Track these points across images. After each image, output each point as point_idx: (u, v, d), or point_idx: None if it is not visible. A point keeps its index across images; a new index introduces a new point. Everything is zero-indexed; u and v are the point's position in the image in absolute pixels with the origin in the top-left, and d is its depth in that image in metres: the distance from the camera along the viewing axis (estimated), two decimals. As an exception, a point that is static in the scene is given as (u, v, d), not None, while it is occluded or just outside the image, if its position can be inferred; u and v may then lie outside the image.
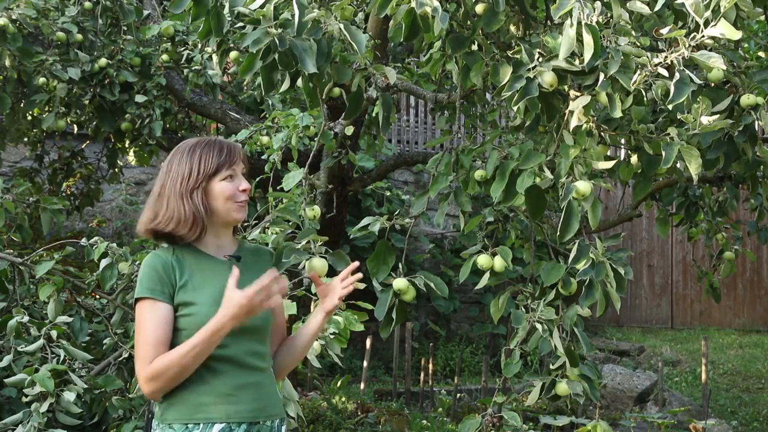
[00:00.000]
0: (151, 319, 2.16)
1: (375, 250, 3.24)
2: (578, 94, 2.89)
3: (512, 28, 3.37)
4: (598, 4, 2.73)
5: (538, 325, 3.22)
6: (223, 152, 2.26)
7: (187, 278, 2.20)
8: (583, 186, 2.91)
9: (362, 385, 7.46)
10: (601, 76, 2.77)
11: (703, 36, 2.71)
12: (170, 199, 2.23)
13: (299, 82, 3.21)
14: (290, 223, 3.20)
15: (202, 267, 2.24)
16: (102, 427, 3.57)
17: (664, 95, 2.77)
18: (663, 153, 2.93)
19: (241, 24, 3.30)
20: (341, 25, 2.98)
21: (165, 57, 5.40)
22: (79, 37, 5.15)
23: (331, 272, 3.15)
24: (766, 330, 11.07)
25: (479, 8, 3.13)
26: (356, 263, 2.40)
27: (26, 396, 3.31)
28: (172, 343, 2.16)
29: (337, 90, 3.83)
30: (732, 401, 8.14)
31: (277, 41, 2.90)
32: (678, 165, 3.02)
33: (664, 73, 2.76)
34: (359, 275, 2.35)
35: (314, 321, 2.38)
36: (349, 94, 3.51)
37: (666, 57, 2.76)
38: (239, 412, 2.18)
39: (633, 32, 2.89)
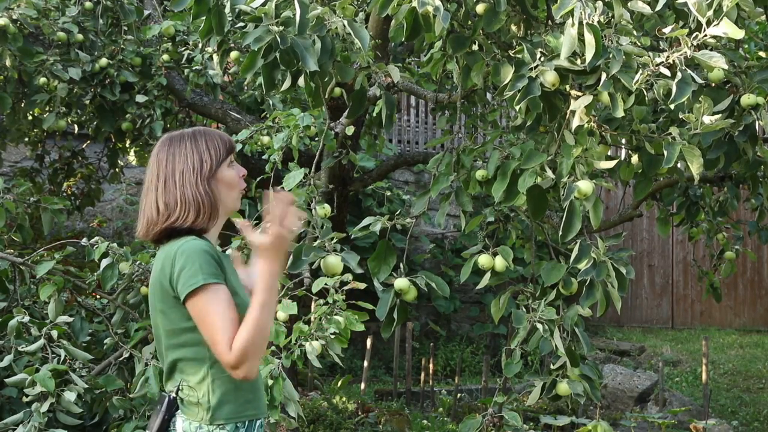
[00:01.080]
0: (224, 302, 2.03)
1: (376, 250, 3.23)
2: (580, 93, 2.88)
3: (513, 27, 3.37)
4: (599, 3, 2.72)
5: (539, 325, 3.22)
6: (224, 139, 2.22)
7: (225, 266, 2.13)
8: (585, 186, 2.90)
9: (363, 385, 7.46)
10: (603, 76, 2.77)
11: (706, 35, 2.70)
12: (184, 192, 2.13)
13: (300, 81, 3.21)
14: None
15: (222, 255, 2.19)
16: (102, 427, 3.56)
17: (666, 95, 2.76)
18: (664, 153, 2.93)
19: (242, 23, 3.30)
20: (344, 22, 2.97)
21: (166, 57, 5.40)
22: (80, 37, 5.15)
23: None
24: (766, 330, 11.07)
25: (480, 8, 3.13)
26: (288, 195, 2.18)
27: (27, 396, 3.31)
28: None
29: (338, 90, 3.83)
30: (732, 401, 8.13)
31: (278, 39, 2.90)
32: (679, 165, 3.02)
33: (666, 72, 2.76)
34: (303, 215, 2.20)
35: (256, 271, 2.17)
36: (351, 93, 3.51)
37: (668, 56, 2.76)
38: (264, 404, 2.21)
39: (634, 32, 2.89)
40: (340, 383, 7.26)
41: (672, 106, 2.74)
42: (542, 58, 2.88)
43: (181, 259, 2.06)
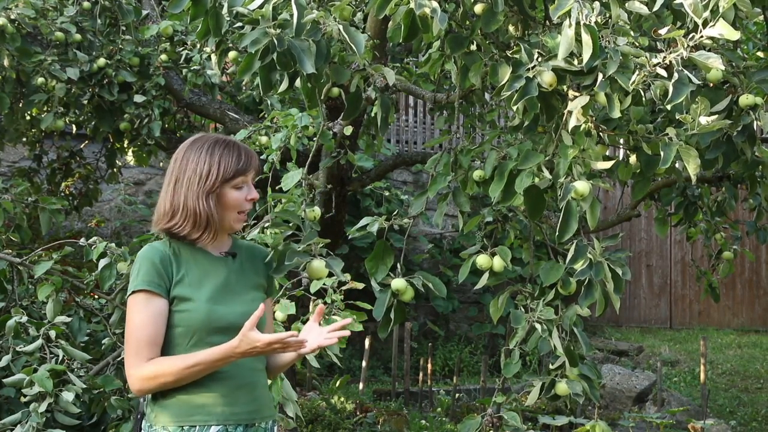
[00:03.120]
0: (147, 313, 2.12)
1: (374, 250, 3.23)
2: (577, 94, 2.89)
3: (511, 28, 3.37)
4: (596, 4, 2.73)
5: (538, 325, 3.22)
6: (242, 159, 2.22)
7: (184, 273, 2.17)
8: (582, 186, 2.91)
9: (361, 385, 7.46)
10: (600, 76, 2.77)
11: (702, 36, 2.71)
12: (187, 198, 2.19)
13: (298, 82, 3.21)
14: (291, 224, 3.20)
15: (198, 263, 2.21)
16: (101, 427, 3.56)
17: (663, 95, 2.77)
18: (662, 153, 2.93)
19: (239, 24, 3.30)
20: (340, 26, 2.98)
21: (164, 57, 5.40)
22: (78, 37, 5.15)
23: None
24: (764, 330, 11.08)
25: (478, 8, 3.13)
26: (348, 320, 2.29)
27: (25, 396, 3.30)
28: (166, 340, 2.13)
29: (335, 90, 3.83)
30: (731, 401, 8.14)
31: (275, 41, 2.90)
32: (677, 165, 3.02)
33: (663, 73, 2.76)
34: (347, 333, 2.24)
35: (287, 356, 2.30)
36: (348, 94, 3.51)
37: (665, 57, 2.77)
38: (236, 413, 2.15)
39: (632, 32, 2.89)
40: (338, 383, 7.26)
41: (669, 107, 2.74)
42: (539, 59, 2.89)
43: (134, 263, 2.19)
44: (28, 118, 5.73)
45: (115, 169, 6.55)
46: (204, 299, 2.16)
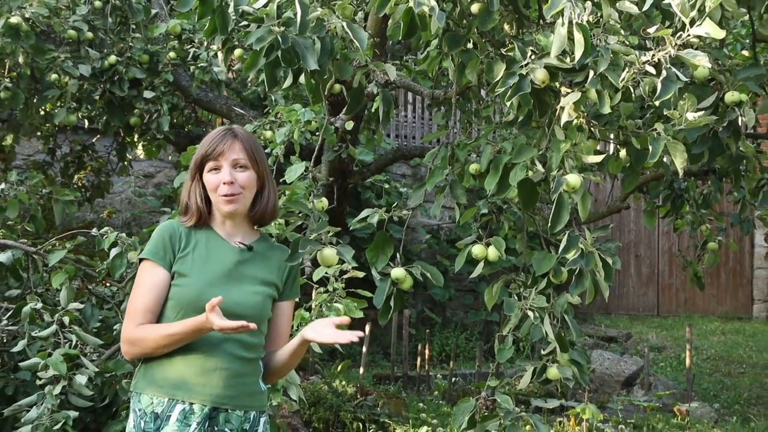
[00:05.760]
0: (147, 281, 2.17)
1: (374, 241, 3.23)
2: (569, 90, 2.88)
3: (506, 26, 3.36)
4: (588, 3, 2.72)
5: (530, 313, 3.22)
6: (210, 146, 2.23)
7: (190, 250, 2.19)
8: (574, 179, 2.90)
9: (361, 370, 7.47)
10: (591, 74, 2.77)
11: (689, 35, 2.70)
12: (185, 185, 2.28)
13: (301, 78, 3.20)
14: (299, 214, 3.20)
15: (209, 246, 2.22)
16: (112, 409, 3.57)
17: (652, 92, 2.76)
18: (650, 147, 2.92)
19: (245, 22, 3.29)
20: (344, 23, 2.97)
21: (172, 54, 5.39)
22: (90, 35, 5.14)
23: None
24: (747, 317, 11.09)
25: (475, 8, 3.12)
26: (347, 318, 2.27)
27: (40, 379, 3.31)
28: (162, 311, 2.18)
29: (337, 86, 3.82)
30: (714, 385, 8.16)
31: (280, 39, 2.89)
32: (664, 159, 3.01)
33: (652, 70, 2.75)
34: (360, 334, 2.23)
35: (292, 343, 2.29)
36: (350, 90, 3.50)
37: (653, 55, 2.76)
38: (203, 394, 2.13)
39: (622, 31, 2.88)
40: (339, 368, 7.27)
41: (657, 103, 2.73)
42: (533, 56, 2.88)
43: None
44: (42, 113, 5.73)
45: (125, 162, 6.55)
46: (201, 279, 2.17)
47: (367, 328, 7.53)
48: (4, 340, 3.80)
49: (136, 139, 6.17)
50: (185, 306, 2.15)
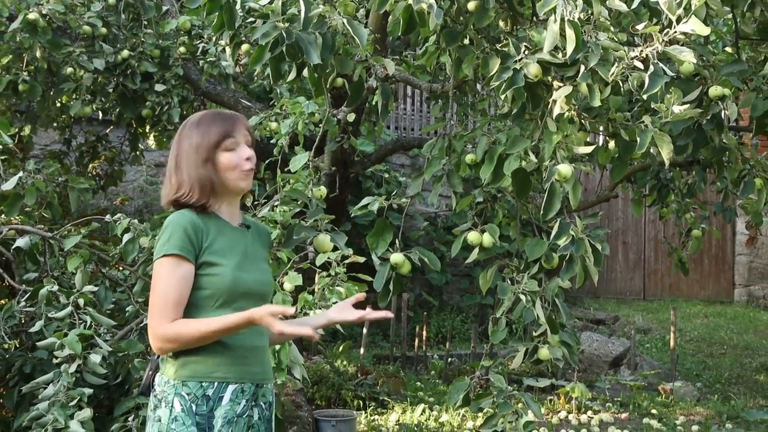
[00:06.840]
0: (175, 277, 2.06)
1: (374, 227, 3.23)
2: (561, 84, 2.87)
3: (501, 23, 3.35)
4: (579, 1, 2.71)
5: (523, 296, 3.22)
6: (225, 123, 2.17)
7: (212, 240, 2.12)
8: (565, 169, 2.90)
9: (362, 350, 7.49)
10: (582, 68, 2.76)
11: (676, 32, 2.69)
12: (190, 171, 2.15)
13: (305, 72, 3.20)
14: (299, 202, 3.20)
15: (223, 232, 2.17)
16: (125, 387, 3.58)
17: (640, 86, 2.75)
18: (638, 139, 2.92)
19: (251, 18, 3.28)
20: (345, 20, 2.96)
21: (182, 49, 5.37)
22: (104, 30, 5.12)
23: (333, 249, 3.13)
24: (729, 301, 11.11)
25: (471, 5, 3.11)
26: (362, 295, 2.31)
27: (56, 358, 3.31)
28: (190, 302, 2.09)
29: (339, 80, 3.81)
30: (697, 365, 8.18)
31: (284, 35, 2.88)
32: (651, 150, 3.00)
33: (640, 65, 2.75)
34: (388, 314, 2.25)
35: (314, 320, 2.30)
36: (351, 83, 3.49)
37: (641, 51, 2.75)
38: (251, 373, 2.14)
39: (612, 28, 2.87)
40: (341, 348, 7.29)
41: (645, 97, 2.73)
42: (526, 52, 2.87)
43: (163, 228, 2.13)
44: (58, 105, 5.71)
45: (137, 152, 6.53)
46: (231, 266, 2.12)
47: (368, 310, 7.54)
48: (23, 321, 3.80)
49: (147, 130, 6.15)
50: (224, 293, 2.11)
